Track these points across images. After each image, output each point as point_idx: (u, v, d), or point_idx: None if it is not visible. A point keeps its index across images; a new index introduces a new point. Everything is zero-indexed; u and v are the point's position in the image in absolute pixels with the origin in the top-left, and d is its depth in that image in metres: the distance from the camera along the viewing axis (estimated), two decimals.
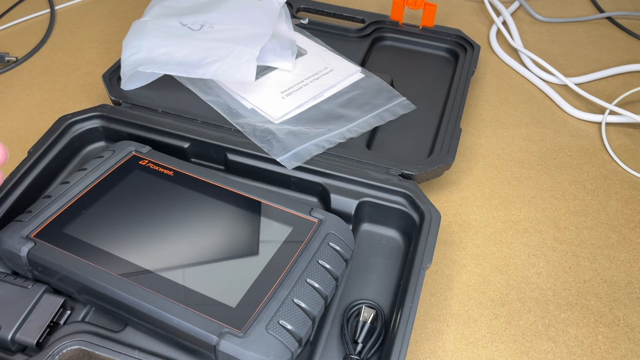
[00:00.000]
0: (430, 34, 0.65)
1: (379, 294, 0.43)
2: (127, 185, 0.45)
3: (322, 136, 0.51)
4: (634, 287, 0.46)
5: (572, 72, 0.67)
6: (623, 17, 0.76)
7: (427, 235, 0.43)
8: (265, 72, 0.57)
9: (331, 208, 0.47)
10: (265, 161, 0.49)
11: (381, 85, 0.57)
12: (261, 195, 0.45)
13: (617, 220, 0.51)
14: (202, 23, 0.57)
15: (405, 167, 0.48)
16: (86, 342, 0.37)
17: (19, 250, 0.39)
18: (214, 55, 0.53)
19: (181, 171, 0.46)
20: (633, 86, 0.64)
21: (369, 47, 0.65)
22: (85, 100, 0.61)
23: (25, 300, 0.39)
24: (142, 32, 0.56)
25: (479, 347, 0.42)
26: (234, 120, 0.52)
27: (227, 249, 0.41)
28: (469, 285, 0.46)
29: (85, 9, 0.75)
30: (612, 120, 0.60)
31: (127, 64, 0.54)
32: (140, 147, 0.49)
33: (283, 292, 0.37)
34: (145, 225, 0.42)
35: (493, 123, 0.60)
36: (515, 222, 0.51)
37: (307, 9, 0.68)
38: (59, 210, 0.42)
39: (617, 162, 0.56)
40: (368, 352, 0.40)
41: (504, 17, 0.73)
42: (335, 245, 0.41)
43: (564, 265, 0.47)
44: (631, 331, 0.43)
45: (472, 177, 0.54)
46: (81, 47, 0.68)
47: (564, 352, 0.42)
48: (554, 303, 0.45)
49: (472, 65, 0.61)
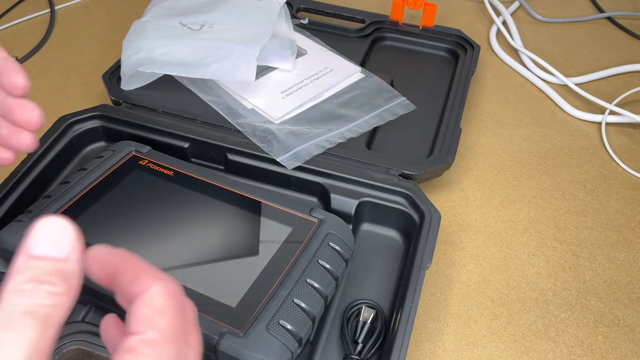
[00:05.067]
0: (430, 34, 0.65)
1: (379, 294, 0.43)
2: (127, 185, 0.45)
3: (322, 136, 0.51)
4: (634, 287, 0.46)
5: (572, 72, 0.67)
6: (623, 17, 0.76)
7: (427, 235, 0.43)
8: (265, 72, 0.57)
9: (331, 208, 0.47)
10: (265, 161, 0.49)
11: (381, 85, 0.57)
12: (261, 195, 0.45)
13: (617, 220, 0.51)
14: (202, 23, 0.57)
15: (405, 167, 0.48)
16: (86, 342, 0.37)
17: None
18: (214, 55, 0.53)
19: (181, 171, 0.46)
20: (633, 86, 0.64)
21: (369, 47, 0.65)
22: (85, 100, 0.61)
23: None
24: (142, 32, 0.56)
25: (479, 347, 0.42)
26: (234, 120, 0.52)
27: (227, 249, 0.41)
28: (469, 285, 0.46)
29: (85, 9, 0.75)
30: (612, 120, 0.60)
31: (127, 64, 0.54)
32: (140, 147, 0.49)
33: (283, 292, 0.37)
34: (145, 226, 0.42)
35: (493, 123, 0.60)
36: (515, 222, 0.51)
37: (307, 9, 0.68)
38: (59, 210, 0.42)
39: (617, 162, 0.56)
40: (368, 352, 0.40)
41: (504, 17, 0.73)
42: (335, 245, 0.41)
43: (564, 265, 0.47)
44: (631, 331, 0.43)
45: (472, 177, 0.54)
46: (81, 47, 0.68)
47: (564, 352, 0.42)
48: (554, 303, 0.45)
49: (472, 65, 0.61)
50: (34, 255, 0.19)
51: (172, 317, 0.20)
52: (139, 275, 0.20)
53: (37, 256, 0.19)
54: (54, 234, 0.19)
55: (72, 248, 0.19)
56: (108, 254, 0.22)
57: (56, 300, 0.18)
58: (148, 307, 0.20)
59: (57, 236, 0.19)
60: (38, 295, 0.18)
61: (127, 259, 0.21)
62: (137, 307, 0.20)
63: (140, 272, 0.21)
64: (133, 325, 0.19)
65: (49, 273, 0.18)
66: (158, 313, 0.20)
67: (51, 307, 0.18)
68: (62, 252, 0.19)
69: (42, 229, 0.19)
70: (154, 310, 0.20)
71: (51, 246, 0.19)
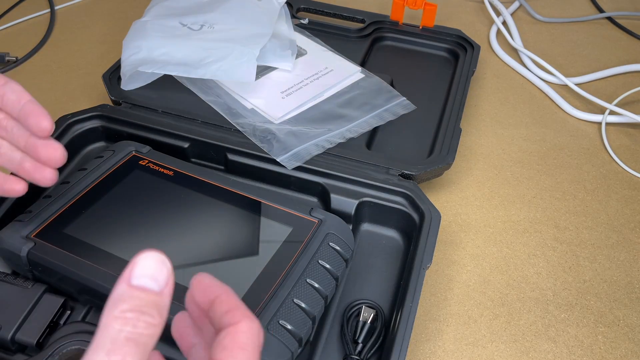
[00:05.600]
0: (430, 34, 0.65)
1: (379, 294, 0.43)
2: (127, 185, 0.45)
3: (322, 136, 0.51)
4: (634, 287, 0.46)
5: (572, 72, 0.67)
6: (623, 17, 0.76)
7: (427, 235, 0.43)
8: (265, 72, 0.57)
9: (331, 208, 0.47)
10: (265, 161, 0.49)
11: (381, 85, 0.57)
12: (261, 195, 0.45)
13: (617, 220, 0.51)
14: (202, 23, 0.57)
15: (405, 167, 0.48)
16: (86, 342, 0.37)
17: (19, 250, 0.39)
18: (214, 55, 0.53)
19: (181, 171, 0.46)
20: (633, 86, 0.64)
21: (369, 47, 0.65)
22: (85, 100, 0.61)
23: (25, 300, 0.39)
24: (142, 32, 0.56)
25: (479, 347, 0.42)
26: (234, 120, 0.52)
27: (227, 249, 0.41)
28: (469, 285, 0.46)
29: (85, 9, 0.75)
30: (612, 120, 0.60)
31: (127, 64, 0.54)
32: (140, 147, 0.49)
33: (283, 292, 0.37)
34: (145, 225, 0.42)
35: (493, 123, 0.60)
36: (515, 222, 0.51)
37: (307, 9, 0.68)
38: (59, 210, 0.42)
39: (617, 162, 0.56)
40: (368, 352, 0.40)
41: (504, 17, 0.73)
42: (335, 245, 0.41)
43: (564, 265, 0.47)
44: (631, 331, 0.43)
45: (472, 177, 0.54)
46: (81, 47, 0.68)
47: (564, 352, 0.42)
48: (554, 303, 0.45)
49: (472, 65, 0.61)
50: (134, 285, 0.20)
51: (249, 354, 0.22)
52: (232, 309, 0.23)
53: (137, 286, 0.20)
54: (153, 268, 0.21)
55: (166, 283, 0.21)
56: (211, 282, 0.24)
57: (152, 331, 0.20)
58: (233, 339, 0.22)
59: (155, 270, 0.21)
60: (140, 324, 0.19)
61: (226, 292, 0.24)
62: (223, 337, 0.22)
63: (234, 307, 0.23)
64: (216, 352, 0.22)
65: (148, 305, 0.20)
66: (239, 347, 0.22)
67: (148, 337, 0.20)
68: (158, 285, 0.21)
69: (143, 262, 0.21)
70: (237, 344, 0.22)
71: (150, 279, 0.21)
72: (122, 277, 0.21)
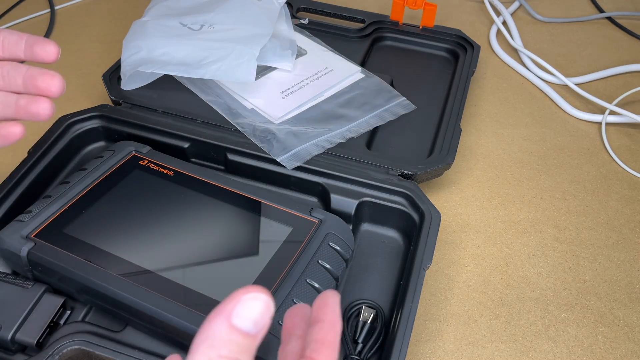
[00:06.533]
0: (430, 34, 0.65)
1: (379, 294, 0.43)
2: (127, 185, 0.45)
3: (322, 136, 0.51)
4: (634, 287, 0.46)
5: (572, 72, 0.67)
6: (623, 17, 0.76)
7: (427, 235, 0.43)
8: (265, 72, 0.57)
9: (331, 208, 0.47)
10: (265, 161, 0.49)
11: (381, 85, 0.57)
12: (261, 195, 0.45)
13: (617, 220, 0.51)
14: (202, 23, 0.57)
15: (405, 167, 0.48)
16: (86, 342, 0.37)
17: (19, 250, 0.39)
18: (214, 55, 0.53)
19: (181, 171, 0.46)
20: (633, 86, 0.63)
21: (369, 47, 0.65)
22: (85, 100, 0.61)
23: (25, 300, 0.39)
24: (142, 32, 0.56)
25: (479, 347, 0.42)
26: (234, 120, 0.52)
27: (227, 249, 0.41)
28: (469, 285, 0.46)
29: (85, 9, 0.75)
30: (612, 120, 0.60)
31: (127, 64, 0.54)
32: (140, 147, 0.49)
33: (283, 292, 0.37)
34: (145, 225, 0.42)
35: (493, 123, 0.60)
36: (515, 222, 0.51)
37: (307, 9, 0.68)
38: (59, 210, 0.42)
39: (617, 162, 0.56)
40: (368, 352, 0.40)
41: (504, 17, 0.73)
42: (335, 245, 0.41)
43: (564, 265, 0.47)
44: (631, 331, 0.43)
45: (472, 177, 0.54)
46: (81, 47, 0.68)
47: (564, 352, 0.42)
48: (554, 303, 0.45)
49: (472, 65, 0.61)
50: (236, 326, 0.20)
51: None
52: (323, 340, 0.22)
53: (238, 329, 0.20)
54: (258, 312, 0.20)
55: (264, 327, 0.20)
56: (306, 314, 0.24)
57: None
58: None
59: (259, 315, 0.20)
60: None
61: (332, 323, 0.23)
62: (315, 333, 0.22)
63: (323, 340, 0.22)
64: None
65: (244, 351, 0.20)
66: None
67: None
68: (257, 329, 0.20)
69: (250, 303, 0.20)
70: None
71: (252, 324, 0.20)
72: (223, 309, 0.20)
